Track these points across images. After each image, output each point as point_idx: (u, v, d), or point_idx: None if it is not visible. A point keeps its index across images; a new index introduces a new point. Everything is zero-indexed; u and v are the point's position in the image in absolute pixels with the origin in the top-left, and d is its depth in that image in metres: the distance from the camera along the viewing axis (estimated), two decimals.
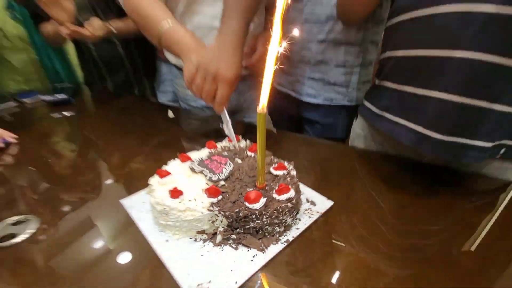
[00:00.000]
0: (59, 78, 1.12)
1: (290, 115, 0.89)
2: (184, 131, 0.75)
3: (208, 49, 0.52)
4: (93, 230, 0.41)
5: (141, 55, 1.03)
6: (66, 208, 0.46)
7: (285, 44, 0.30)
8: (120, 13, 0.86)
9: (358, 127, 0.67)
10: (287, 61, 0.80)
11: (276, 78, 0.88)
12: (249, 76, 0.81)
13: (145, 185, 0.43)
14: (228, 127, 0.55)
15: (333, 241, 0.39)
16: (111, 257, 0.37)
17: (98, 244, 0.39)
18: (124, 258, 0.36)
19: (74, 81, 1.16)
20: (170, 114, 0.82)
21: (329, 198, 0.46)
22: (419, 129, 0.48)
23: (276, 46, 0.30)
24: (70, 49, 1.10)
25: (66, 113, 0.87)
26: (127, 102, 0.99)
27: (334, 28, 0.68)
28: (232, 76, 0.51)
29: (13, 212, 0.45)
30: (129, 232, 0.41)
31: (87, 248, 0.39)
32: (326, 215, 0.43)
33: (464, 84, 0.42)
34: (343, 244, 0.38)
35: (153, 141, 0.69)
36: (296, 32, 0.71)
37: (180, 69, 0.81)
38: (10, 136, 0.68)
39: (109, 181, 0.54)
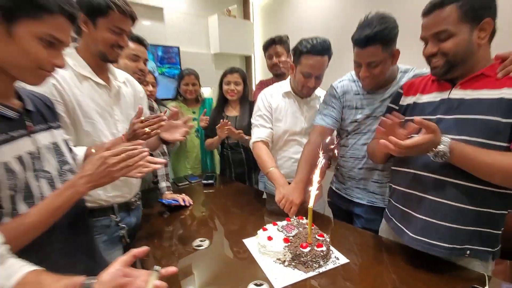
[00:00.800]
0: (208, 168, 1.93)
1: (344, 209, 1.29)
2: (273, 210, 1.28)
3: (288, 187, 1.09)
4: (239, 246, 0.94)
5: (253, 160, 1.73)
6: (225, 237, 1.02)
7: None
8: None
9: (383, 223, 1.03)
10: (342, 176, 1.28)
11: (336, 185, 1.34)
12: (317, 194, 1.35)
13: (254, 234, 0.95)
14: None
15: (344, 280, 0.78)
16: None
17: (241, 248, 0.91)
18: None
19: (215, 171, 1.95)
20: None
21: (347, 258, 0.85)
22: (408, 231, 0.84)
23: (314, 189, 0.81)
24: (216, 154, 1.93)
25: (211, 190, 1.57)
26: (240, 187, 1.63)
27: (367, 162, 1.15)
28: (298, 203, 1.05)
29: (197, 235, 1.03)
30: (248, 253, 0.91)
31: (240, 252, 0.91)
32: (344, 266, 0.82)
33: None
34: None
35: (257, 212, 1.23)
36: (341, 162, 1.24)
37: None
38: (189, 200, 1.37)
39: (234, 230, 1.09)
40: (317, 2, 2.40)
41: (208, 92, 2.67)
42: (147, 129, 0.91)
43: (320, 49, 1.15)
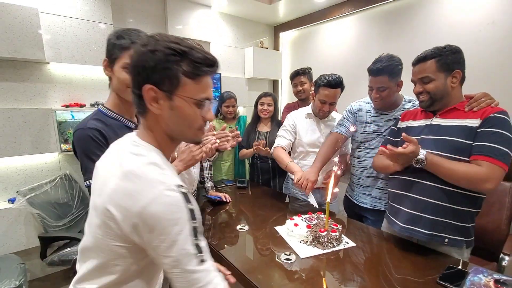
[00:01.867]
0: (239, 175, 2.28)
1: (354, 212, 1.57)
2: (296, 208, 1.58)
3: (305, 172, 1.41)
4: (271, 231, 1.26)
5: (280, 168, 2.05)
6: (256, 224, 1.34)
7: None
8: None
9: (384, 221, 1.30)
10: (353, 184, 1.57)
11: (349, 193, 1.63)
12: (323, 188, 1.63)
13: (282, 224, 1.26)
14: (312, 202, 1.35)
15: (351, 257, 1.06)
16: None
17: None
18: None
19: (246, 177, 2.30)
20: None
21: (355, 243, 1.13)
22: (398, 221, 1.12)
23: (332, 187, 1.13)
24: (246, 163, 2.29)
25: (243, 192, 1.91)
26: (268, 190, 1.95)
27: (373, 171, 1.44)
28: (313, 180, 1.36)
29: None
30: (279, 235, 1.22)
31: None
32: (352, 248, 1.11)
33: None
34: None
35: (282, 209, 1.54)
36: (352, 171, 1.54)
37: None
38: (229, 198, 1.71)
39: (266, 220, 1.41)
40: (337, 39, 2.78)
41: (242, 110, 3.08)
42: (218, 141, 1.25)
43: (334, 84, 1.51)
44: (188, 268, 0.54)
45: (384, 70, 1.29)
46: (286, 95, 3.47)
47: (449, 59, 1.03)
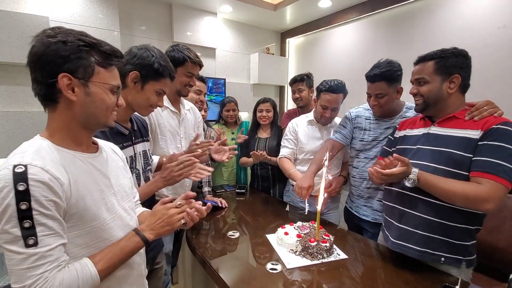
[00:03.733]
0: (240, 181, 2.27)
1: (354, 224, 1.51)
2: (293, 216, 1.54)
3: (302, 178, 1.37)
4: (262, 238, 1.23)
5: (279, 175, 2.02)
6: (250, 231, 1.32)
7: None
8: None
9: (380, 234, 1.24)
10: (352, 195, 1.51)
11: (349, 204, 1.57)
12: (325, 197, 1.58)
13: (275, 232, 1.23)
14: (307, 208, 1.31)
15: (340, 270, 1.02)
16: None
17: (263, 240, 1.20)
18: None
19: (246, 183, 2.28)
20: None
21: (347, 255, 1.08)
22: (390, 236, 1.06)
23: (323, 192, 1.09)
24: (249, 169, 2.27)
25: (242, 198, 1.89)
26: (267, 197, 1.92)
27: (373, 183, 1.38)
28: (305, 186, 1.31)
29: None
30: (269, 244, 1.19)
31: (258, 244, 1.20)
32: (343, 260, 1.06)
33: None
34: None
35: (279, 216, 1.51)
36: (352, 182, 1.48)
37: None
38: (225, 203, 1.70)
39: (259, 227, 1.38)
40: (343, 44, 2.73)
41: (246, 115, 3.08)
42: (199, 150, 1.25)
43: (335, 89, 1.48)
44: (8, 248, 0.53)
45: (382, 76, 1.24)
46: (292, 101, 3.44)
47: (449, 63, 0.96)
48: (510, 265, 1.35)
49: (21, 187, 0.53)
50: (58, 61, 0.59)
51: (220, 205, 1.63)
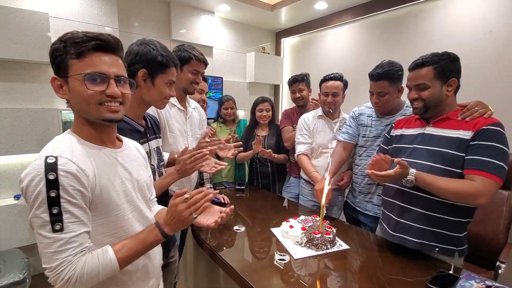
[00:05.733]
0: (239, 177, 2.31)
1: (353, 217, 1.59)
2: (293, 211, 1.60)
3: (320, 181, 1.43)
4: (267, 232, 1.28)
5: (279, 172, 2.08)
6: (254, 225, 1.37)
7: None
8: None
9: (378, 226, 1.32)
10: (354, 191, 1.59)
11: (350, 199, 1.64)
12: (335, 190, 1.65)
13: (278, 226, 1.29)
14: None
15: (344, 259, 1.08)
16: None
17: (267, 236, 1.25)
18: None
19: (245, 179, 2.33)
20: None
21: (349, 246, 1.15)
22: (388, 229, 1.14)
23: (327, 187, 1.15)
24: (246, 167, 2.32)
25: (242, 195, 1.93)
26: (266, 193, 1.98)
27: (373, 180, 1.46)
28: (318, 189, 1.37)
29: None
30: (274, 237, 1.25)
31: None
32: (346, 250, 1.13)
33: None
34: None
35: (279, 212, 1.57)
36: (354, 178, 1.56)
37: (306, 181, 1.77)
38: (227, 199, 1.74)
39: (263, 222, 1.43)
40: (338, 45, 2.82)
41: (242, 114, 3.12)
42: (207, 149, 1.28)
43: (332, 76, 1.62)
44: (39, 232, 0.58)
45: (384, 75, 1.32)
46: (286, 100, 3.51)
47: (446, 67, 1.02)
48: (495, 254, 1.46)
49: (51, 176, 0.57)
50: (52, 65, 0.66)
51: (223, 201, 1.68)
